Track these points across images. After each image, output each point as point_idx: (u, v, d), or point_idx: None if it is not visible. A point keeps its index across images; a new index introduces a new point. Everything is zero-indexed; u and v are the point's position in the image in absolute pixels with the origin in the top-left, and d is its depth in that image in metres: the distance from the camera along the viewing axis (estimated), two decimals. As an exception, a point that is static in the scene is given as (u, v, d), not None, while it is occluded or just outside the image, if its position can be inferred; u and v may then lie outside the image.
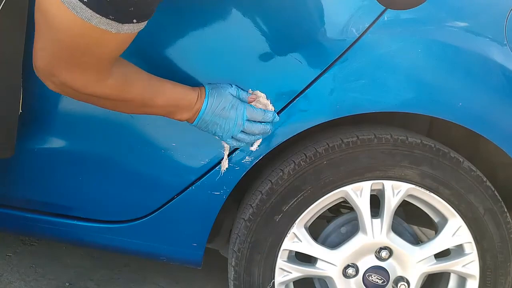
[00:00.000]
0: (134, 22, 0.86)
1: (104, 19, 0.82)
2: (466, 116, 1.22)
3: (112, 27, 0.84)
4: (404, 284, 1.30)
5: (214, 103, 1.11)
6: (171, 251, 1.34)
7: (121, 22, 0.84)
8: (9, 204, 1.34)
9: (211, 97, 1.11)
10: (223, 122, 1.12)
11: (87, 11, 0.81)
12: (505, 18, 1.21)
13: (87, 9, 0.80)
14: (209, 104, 1.10)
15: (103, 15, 0.81)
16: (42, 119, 1.24)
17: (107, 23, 0.83)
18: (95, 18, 0.81)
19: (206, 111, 1.10)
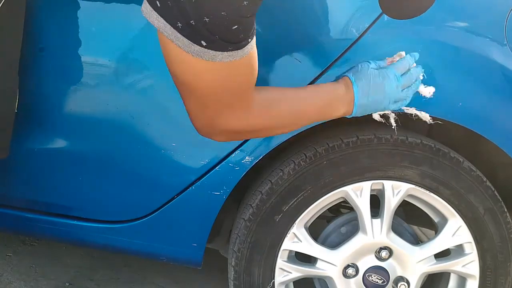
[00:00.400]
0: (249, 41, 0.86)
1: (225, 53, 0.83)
2: (466, 116, 1.22)
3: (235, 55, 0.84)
4: (404, 284, 1.30)
5: (365, 85, 1.07)
6: (171, 251, 1.34)
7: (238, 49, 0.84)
8: (9, 204, 1.34)
9: (359, 80, 1.08)
10: (381, 96, 1.08)
11: (208, 53, 0.82)
12: (505, 18, 1.21)
13: (208, 51, 0.81)
14: (360, 88, 1.07)
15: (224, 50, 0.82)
16: (41, 119, 1.24)
17: (229, 55, 0.83)
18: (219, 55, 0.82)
19: (360, 96, 1.07)
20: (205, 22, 0.77)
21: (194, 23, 0.78)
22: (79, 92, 1.20)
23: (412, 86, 1.12)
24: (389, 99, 1.09)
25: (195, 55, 0.82)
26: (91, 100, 1.20)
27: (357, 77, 1.08)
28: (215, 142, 1.19)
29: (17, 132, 1.24)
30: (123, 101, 1.18)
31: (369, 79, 1.08)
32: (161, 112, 1.19)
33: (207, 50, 0.81)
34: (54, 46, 1.17)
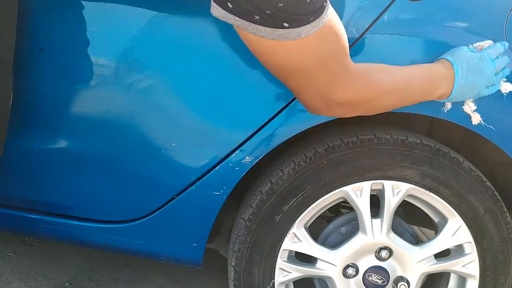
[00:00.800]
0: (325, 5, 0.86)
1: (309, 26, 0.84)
2: (466, 116, 1.22)
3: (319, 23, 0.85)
4: (404, 284, 1.30)
5: (464, 66, 1.08)
6: (171, 251, 1.34)
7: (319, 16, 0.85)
8: (9, 204, 1.34)
9: (458, 61, 1.08)
10: (479, 78, 1.08)
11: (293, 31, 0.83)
12: (505, 18, 1.21)
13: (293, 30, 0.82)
14: (460, 68, 1.08)
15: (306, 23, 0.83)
16: (42, 119, 1.24)
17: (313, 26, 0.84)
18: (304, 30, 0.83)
19: (460, 77, 1.07)
20: (280, 8, 0.79)
21: (270, 12, 0.79)
22: (79, 92, 1.20)
23: (499, 76, 1.14)
24: (486, 82, 1.10)
25: (282, 39, 0.82)
26: (91, 100, 1.20)
27: (455, 58, 1.09)
28: (215, 142, 1.20)
29: (18, 132, 1.24)
30: (123, 101, 1.18)
31: (468, 60, 1.09)
32: (161, 112, 1.19)
33: (291, 29, 0.82)
34: (54, 46, 1.17)
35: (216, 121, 1.19)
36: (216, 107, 1.18)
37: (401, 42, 1.18)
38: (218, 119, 1.19)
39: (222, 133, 1.20)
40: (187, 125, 1.20)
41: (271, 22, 0.81)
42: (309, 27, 0.84)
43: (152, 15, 1.14)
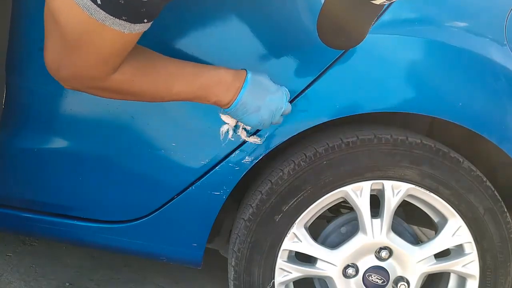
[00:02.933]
0: (145, 22, 0.87)
1: (118, 21, 0.84)
2: (466, 116, 1.22)
3: (125, 27, 0.85)
4: (404, 284, 1.30)
5: (256, 82, 1.06)
6: (171, 251, 1.34)
7: (133, 22, 0.85)
8: (9, 204, 1.34)
9: (254, 75, 1.06)
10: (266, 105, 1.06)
11: (100, 13, 0.82)
12: (505, 18, 1.22)
13: (101, 11, 0.82)
14: (251, 81, 1.05)
15: (117, 17, 0.83)
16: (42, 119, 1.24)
17: (120, 24, 0.84)
18: (109, 19, 0.83)
19: (248, 89, 1.04)
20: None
21: None
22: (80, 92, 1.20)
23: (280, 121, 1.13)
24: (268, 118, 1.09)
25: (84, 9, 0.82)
26: (91, 100, 1.19)
27: (253, 73, 1.07)
28: (215, 142, 1.20)
29: (18, 132, 1.24)
30: (123, 101, 1.18)
31: (265, 79, 1.08)
32: (161, 112, 1.19)
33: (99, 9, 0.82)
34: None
35: (216, 121, 1.19)
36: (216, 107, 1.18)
37: (401, 42, 1.18)
38: (218, 119, 1.19)
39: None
40: (187, 125, 1.20)
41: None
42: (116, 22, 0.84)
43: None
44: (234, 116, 1.10)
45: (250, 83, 1.06)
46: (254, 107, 1.07)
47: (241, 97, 1.06)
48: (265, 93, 1.07)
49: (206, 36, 1.14)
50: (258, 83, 1.07)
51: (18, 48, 1.13)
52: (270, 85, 1.09)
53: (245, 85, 1.06)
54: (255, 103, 1.07)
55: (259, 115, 1.08)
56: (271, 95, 1.08)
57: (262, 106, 1.07)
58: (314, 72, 1.16)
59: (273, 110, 1.09)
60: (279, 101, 1.09)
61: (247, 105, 1.07)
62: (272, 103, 1.08)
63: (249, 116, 1.09)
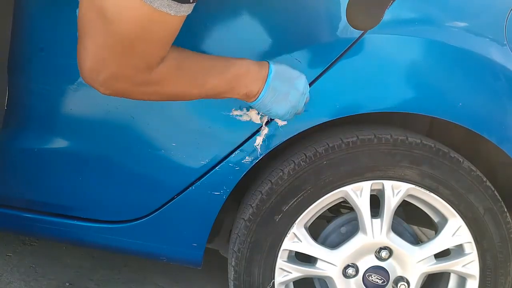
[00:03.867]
0: (191, 2, 0.85)
1: (165, 1, 0.81)
2: (466, 116, 1.22)
3: (171, 8, 0.83)
4: (404, 284, 1.30)
5: (280, 69, 1.06)
6: (171, 251, 1.34)
7: (180, 2, 0.83)
8: (9, 204, 1.34)
9: (276, 64, 1.07)
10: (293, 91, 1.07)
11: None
12: (505, 18, 1.22)
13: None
14: (275, 70, 1.06)
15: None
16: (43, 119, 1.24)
17: (168, 4, 0.82)
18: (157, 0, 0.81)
19: (273, 76, 1.05)
20: None
21: None
22: (80, 92, 1.20)
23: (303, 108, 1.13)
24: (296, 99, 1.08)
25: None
26: (91, 100, 1.20)
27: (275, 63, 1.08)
28: (215, 142, 1.20)
29: (18, 132, 1.24)
30: (123, 101, 1.18)
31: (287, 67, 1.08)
32: (161, 112, 1.19)
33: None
34: (54, 46, 1.17)
35: (216, 121, 1.19)
36: (216, 108, 1.18)
37: (400, 42, 1.18)
38: (218, 119, 1.19)
39: (222, 133, 1.20)
40: (187, 125, 1.20)
41: None
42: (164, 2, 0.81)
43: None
44: (262, 108, 1.09)
45: (275, 71, 1.06)
46: (283, 93, 1.07)
47: (269, 84, 1.06)
48: (291, 78, 1.08)
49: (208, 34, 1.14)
50: (282, 70, 1.08)
51: (20, 49, 1.13)
52: (293, 71, 1.09)
53: (270, 72, 1.06)
54: (283, 89, 1.07)
55: (288, 102, 1.08)
56: (296, 79, 1.08)
57: (290, 91, 1.08)
58: (314, 72, 1.16)
59: (301, 95, 1.09)
60: (305, 85, 1.10)
61: (276, 92, 1.07)
62: (300, 86, 1.09)
63: (278, 104, 1.08)
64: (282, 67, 1.08)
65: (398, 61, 1.19)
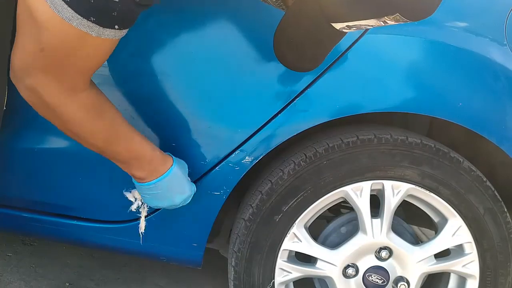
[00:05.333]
0: (116, 28, 0.84)
1: (85, 21, 0.81)
2: (466, 116, 1.22)
3: (93, 30, 0.82)
4: (404, 284, 1.30)
5: (175, 176, 1.11)
6: (171, 251, 1.34)
7: (102, 26, 0.82)
8: (9, 204, 1.34)
9: (176, 168, 1.12)
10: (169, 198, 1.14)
11: (68, 10, 0.79)
12: (505, 18, 1.22)
13: (68, 8, 0.79)
14: (171, 175, 1.11)
15: (84, 16, 0.80)
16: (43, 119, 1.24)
17: (88, 25, 0.81)
18: (76, 19, 0.80)
19: (164, 180, 1.10)
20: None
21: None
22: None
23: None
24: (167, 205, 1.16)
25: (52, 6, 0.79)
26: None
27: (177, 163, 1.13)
28: (215, 142, 1.20)
29: (18, 132, 1.24)
30: (123, 102, 1.18)
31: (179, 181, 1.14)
32: (161, 112, 1.19)
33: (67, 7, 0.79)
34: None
35: (216, 121, 1.19)
36: (216, 107, 1.18)
37: (400, 42, 1.18)
38: (218, 119, 1.19)
39: (222, 133, 1.20)
40: (187, 125, 1.20)
41: None
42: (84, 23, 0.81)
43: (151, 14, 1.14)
44: (139, 191, 1.16)
45: (171, 175, 1.11)
46: (161, 196, 1.13)
47: (154, 183, 1.11)
48: (177, 190, 1.14)
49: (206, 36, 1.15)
50: (176, 178, 1.12)
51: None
52: (185, 183, 1.15)
53: (166, 174, 1.10)
54: (164, 194, 1.13)
55: (160, 203, 1.16)
56: (180, 195, 1.15)
57: (168, 198, 1.14)
58: (314, 72, 1.16)
59: (174, 205, 1.16)
60: (183, 201, 1.16)
61: (158, 192, 1.12)
62: (177, 201, 1.15)
63: (151, 200, 1.15)
64: (179, 175, 1.13)
65: (398, 61, 1.19)
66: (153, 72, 1.18)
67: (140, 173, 1.09)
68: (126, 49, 1.17)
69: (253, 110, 1.18)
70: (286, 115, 1.18)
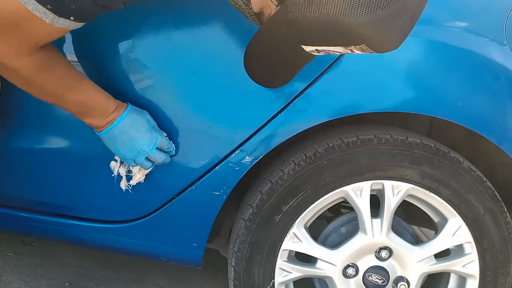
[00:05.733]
0: (71, 20, 0.86)
1: (41, 7, 0.82)
2: (466, 116, 1.22)
3: (47, 17, 0.84)
4: (404, 284, 1.30)
5: (130, 120, 1.11)
6: (171, 251, 1.34)
7: (57, 14, 0.84)
8: (9, 204, 1.34)
9: (131, 113, 1.12)
10: (131, 143, 1.13)
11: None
12: (505, 18, 1.22)
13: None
14: (126, 119, 1.11)
15: (41, 3, 0.82)
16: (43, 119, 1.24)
17: (43, 11, 0.83)
18: (32, 4, 0.82)
19: (120, 125, 1.11)
20: None
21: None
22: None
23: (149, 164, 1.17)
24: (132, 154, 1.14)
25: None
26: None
27: (133, 110, 1.12)
28: (215, 142, 1.20)
29: (18, 132, 1.24)
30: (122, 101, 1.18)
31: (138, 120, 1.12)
32: (161, 112, 1.19)
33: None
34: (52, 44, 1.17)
35: (216, 121, 1.19)
36: (216, 107, 1.18)
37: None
38: (218, 119, 1.19)
39: (222, 133, 1.20)
40: (187, 125, 1.20)
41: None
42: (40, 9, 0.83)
43: (150, 15, 1.14)
44: (105, 142, 1.15)
45: (126, 118, 1.11)
46: (121, 143, 1.13)
47: (111, 129, 1.11)
48: (137, 134, 1.13)
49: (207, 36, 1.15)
50: (133, 120, 1.12)
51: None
52: (143, 125, 1.13)
53: (120, 119, 1.11)
54: (123, 140, 1.13)
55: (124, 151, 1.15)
56: (140, 137, 1.13)
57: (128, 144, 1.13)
58: (314, 72, 1.16)
59: (137, 151, 1.14)
60: (144, 144, 1.14)
61: (116, 138, 1.12)
62: (137, 144, 1.14)
63: (115, 147, 1.15)
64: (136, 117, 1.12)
65: (398, 61, 1.19)
66: (153, 71, 1.18)
67: (94, 121, 1.11)
68: (126, 49, 1.17)
69: (253, 110, 1.18)
70: (286, 115, 1.18)
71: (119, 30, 1.16)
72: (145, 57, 1.17)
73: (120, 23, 1.16)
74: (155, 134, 1.15)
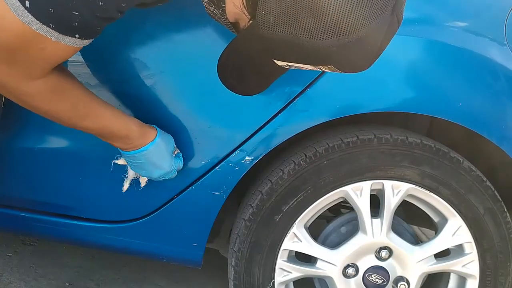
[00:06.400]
0: (77, 37, 0.86)
1: (44, 27, 0.82)
2: (466, 116, 1.22)
3: (52, 35, 0.84)
4: (404, 284, 1.30)
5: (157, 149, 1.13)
6: (171, 251, 1.34)
7: (62, 33, 0.84)
8: (9, 204, 1.34)
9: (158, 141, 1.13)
10: (151, 169, 1.15)
11: (28, 16, 0.81)
12: (505, 18, 1.22)
13: (28, 14, 0.81)
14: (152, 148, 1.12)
15: (43, 23, 0.82)
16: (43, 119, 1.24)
17: (47, 30, 0.83)
18: (35, 24, 0.82)
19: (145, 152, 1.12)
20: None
21: None
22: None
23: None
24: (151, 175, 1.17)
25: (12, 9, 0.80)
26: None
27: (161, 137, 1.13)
28: (215, 142, 1.20)
29: (18, 132, 1.24)
30: (122, 101, 1.18)
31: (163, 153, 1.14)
32: (161, 112, 1.19)
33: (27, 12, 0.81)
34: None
35: (216, 121, 1.19)
36: (216, 107, 1.18)
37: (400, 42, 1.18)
38: (218, 119, 1.19)
39: (222, 133, 1.20)
40: (187, 125, 1.20)
41: None
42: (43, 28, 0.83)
43: (150, 15, 1.14)
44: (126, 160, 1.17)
45: (149, 150, 1.13)
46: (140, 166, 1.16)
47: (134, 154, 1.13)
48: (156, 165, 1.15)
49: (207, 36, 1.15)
50: (156, 153, 1.14)
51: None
52: (165, 159, 1.16)
53: (146, 147, 1.12)
54: (142, 165, 1.15)
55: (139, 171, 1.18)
56: (159, 170, 1.16)
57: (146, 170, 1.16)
58: (314, 72, 1.16)
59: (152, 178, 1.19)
60: (161, 176, 1.18)
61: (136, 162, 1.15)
62: (155, 175, 1.17)
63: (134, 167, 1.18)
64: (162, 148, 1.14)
65: (398, 61, 1.19)
66: (153, 71, 1.18)
67: (118, 145, 1.12)
68: (126, 49, 1.17)
69: (253, 110, 1.18)
70: (286, 115, 1.18)
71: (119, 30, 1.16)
72: (145, 57, 1.17)
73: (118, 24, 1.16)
74: (176, 162, 1.18)
